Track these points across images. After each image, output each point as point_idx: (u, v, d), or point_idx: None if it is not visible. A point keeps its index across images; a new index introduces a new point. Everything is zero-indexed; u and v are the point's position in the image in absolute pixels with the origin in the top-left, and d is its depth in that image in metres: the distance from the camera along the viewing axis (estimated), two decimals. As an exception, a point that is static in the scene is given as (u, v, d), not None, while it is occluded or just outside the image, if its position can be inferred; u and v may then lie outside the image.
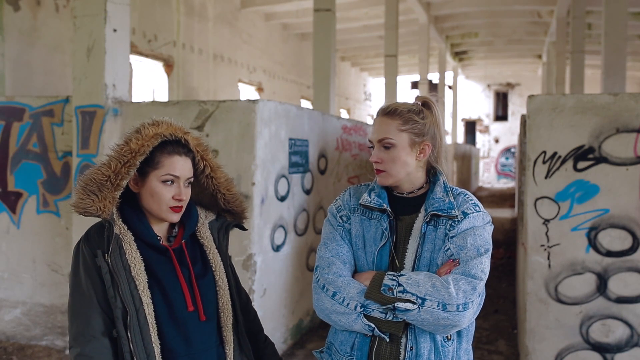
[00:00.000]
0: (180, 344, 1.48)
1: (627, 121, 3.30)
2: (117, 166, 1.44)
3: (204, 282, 1.55)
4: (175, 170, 1.49)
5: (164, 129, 1.49)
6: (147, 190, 1.49)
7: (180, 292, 1.49)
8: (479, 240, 1.52)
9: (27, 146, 4.54)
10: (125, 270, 1.43)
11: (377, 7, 12.73)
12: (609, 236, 3.36)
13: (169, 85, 9.73)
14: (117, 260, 1.43)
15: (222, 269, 1.60)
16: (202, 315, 1.50)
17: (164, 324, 1.46)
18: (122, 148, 1.46)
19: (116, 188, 1.44)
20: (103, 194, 1.43)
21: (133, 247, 1.46)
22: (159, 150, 1.48)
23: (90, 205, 1.42)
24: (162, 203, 1.49)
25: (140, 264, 1.45)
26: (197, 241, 1.60)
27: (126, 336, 1.40)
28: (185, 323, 1.49)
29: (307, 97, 15.58)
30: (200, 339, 1.51)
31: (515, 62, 21.71)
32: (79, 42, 4.14)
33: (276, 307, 4.22)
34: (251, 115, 3.75)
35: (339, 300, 1.51)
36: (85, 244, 1.46)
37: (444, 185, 1.60)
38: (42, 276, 4.53)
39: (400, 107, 1.59)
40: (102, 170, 1.44)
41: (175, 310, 1.48)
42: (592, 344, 3.42)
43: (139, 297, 1.42)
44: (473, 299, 1.46)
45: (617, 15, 6.38)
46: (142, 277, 1.44)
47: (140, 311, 1.42)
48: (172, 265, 1.50)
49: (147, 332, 1.42)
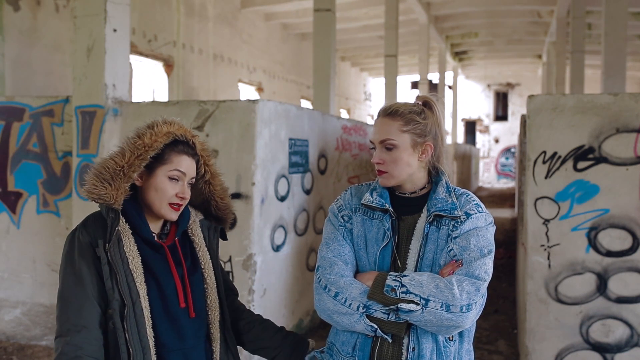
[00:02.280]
0: (173, 339, 1.50)
1: (627, 121, 3.31)
2: (130, 157, 1.46)
3: (193, 279, 1.57)
4: (183, 167, 1.53)
5: (176, 128, 1.54)
6: (151, 185, 1.51)
7: (173, 288, 1.51)
8: (482, 241, 1.51)
9: (27, 146, 4.54)
10: (123, 263, 1.44)
11: (377, 7, 12.73)
12: (609, 236, 3.36)
13: (169, 85, 9.73)
14: (116, 252, 1.44)
15: (211, 266, 1.63)
16: (192, 312, 1.53)
17: (158, 319, 1.48)
18: (136, 141, 1.48)
19: (127, 180, 1.47)
20: (116, 184, 1.45)
21: (131, 241, 1.48)
22: (169, 147, 1.52)
23: (104, 193, 1.44)
24: (164, 199, 1.51)
25: (137, 257, 1.47)
26: (188, 238, 1.63)
27: (122, 328, 1.41)
28: (178, 319, 1.51)
29: (307, 97, 15.58)
30: (191, 335, 1.54)
31: (515, 62, 21.71)
32: (79, 42, 4.14)
33: (276, 307, 4.22)
34: (251, 115, 3.75)
35: (341, 301, 1.51)
36: (83, 233, 1.46)
37: (446, 186, 1.60)
38: (42, 276, 4.53)
39: (402, 107, 1.59)
40: (116, 160, 1.47)
41: (169, 306, 1.50)
42: (592, 344, 3.42)
43: (136, 290, 1.44)
44: (476, 300, 1.46)
45: (617, 15, 6.38)
46: (139, 270, 1.46)
47: (137, 304, 1.43)
48: (166, 262, 1.52)
49: (143, 325, 1.43)
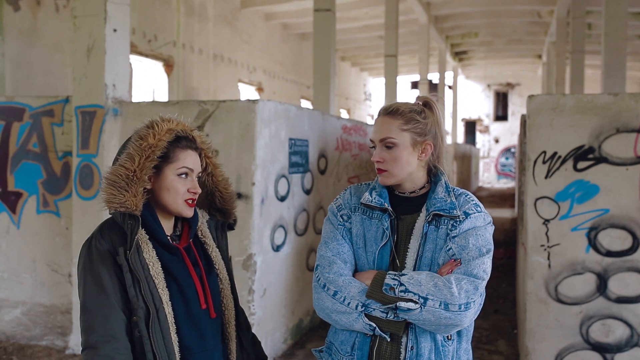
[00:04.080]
0: (195, 341, 1.51)
1: (627, 121, 3.30)
2: (140, 160, 1.45)
3: (210, 279, 1.58)
4: (190, 163, 1.52)
5: (175, 124, 1.53)
6: (162, 185, 1.50)
7: (194, 290, 1.51)
8: (480, 241, 1.52)
9: (27, 146, 4.54)
10: (144, 269, 1.43)
11: (377, 7, 12.73)
12: (609, 236, 3.36)
13: (169, 85, 9.73)
14: (136, 259, 1.42)
15: (224, 266, 1.64)
16: (212, 313, 1.54)
17: (181, 322, 1.48)
18: (141, 144, 1.47)
19: (141, 184, 1.46)
20: (133, 190, 1.44)
21: (149, 247, 1.47)
22: (172, 145, 1.51)
23: (124, 200, 1.42)
24: (178, 197, 1.50)
25: (157, 262, 1.46)
26: (199, 239, 1.62)
27: (147, 335, 1.40)
28: (200, 320, 1.52)
29: (307, 97, 15.59)
30: (212, 336, 1.55)
31: (515, 62, 21.71)
32: (79, 42, 4.14)
33: (276, 307, 4.22)
34: (251, 115, 3.75)
35: (339, 300, 1.51)
36: (101, 242, 1.44)
37: (445, 186, 1.60)
38: (42, 276, 4.53)
39: (402, 106, 1.60)
40: (126, 166, 1.45)
41: (191, 308, 1.50)
42: (592, 344, 3.42)
43: (159, 296, 1.43)
44: (475, 298, 1.46)
45: (617, 15, 6.38)
46: (161, 276, 1.45)
47: (160, 310, 1.43)
48: (184, 264, 1.52)
49: (167, 330, 1.43)
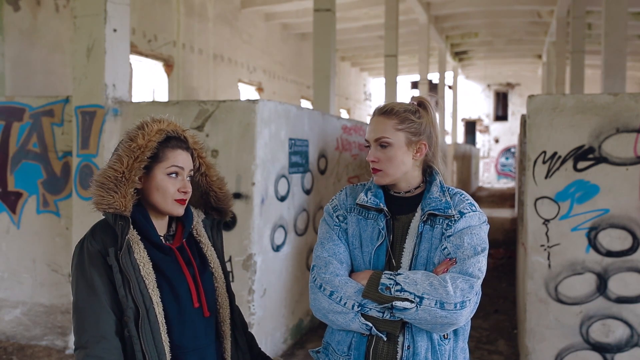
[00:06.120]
0: (188, 339, 1.51)
1: (627, 121, 3.30)
2: (129, 162, 1.46)
3: (204, 278, 1.58)
4: (179, 162, 1.53)
5: (166, 125, 1.54)
6: (152, 185, 1.51)
7: (186, 288, 1.52)
8: (475, 240, 1.53)
9: (27, 146, 4.54)
10: (134, 270, 1.43)
11: (377, 7, 12.73)
12: (609, 236, 3.36)
13: (169, 85, 9.73)
14: (127, 259, 1.43)
15: (219, 265, 1.65)
16: (206, 311, 1.55)
17: (173, 321, 1.49)
18: (130, 145, 1.48)
19: (130, 185, 1.47)
20: (121, 191, 1.45)
21: (140, 247, 1.47)
22: (162, 145, 1.52)
23: (113, 201, 1.44)
24: (167, 196, 1.51)
25: (148, 263, 1.46)
26: (194, 239, 1.63)
27: (137, 335, 1.41)
28: (192, 319, 1.52)
29: (307, 97, 15.59)
30: (205, 334, 1.55)
31: (515, 62, 21.71)
32: (79, 42, 4.14)
33: (276, 307, 4.22)
34: (251, 115, 3.75)
35: (336, 300, 1.52)
36: (92, 242, 1.45)
37: (440, 185, 1.61)
38: (42, 276, 4.53)
39: (397, 106, 1.60)
40: (115, 168, 1.46)
41: (183, 307, 1.51)
42: (592, 344, 3.42)
43: (149, 297, 1.44)
44: (470, 297, 1.47)
45: (617, 15, 6.38)
46: (151, 276, 1.46)
47: (150, 310, 1.43)
48: (177, 264, 1.53)
49: (158, 330, 1.44)
